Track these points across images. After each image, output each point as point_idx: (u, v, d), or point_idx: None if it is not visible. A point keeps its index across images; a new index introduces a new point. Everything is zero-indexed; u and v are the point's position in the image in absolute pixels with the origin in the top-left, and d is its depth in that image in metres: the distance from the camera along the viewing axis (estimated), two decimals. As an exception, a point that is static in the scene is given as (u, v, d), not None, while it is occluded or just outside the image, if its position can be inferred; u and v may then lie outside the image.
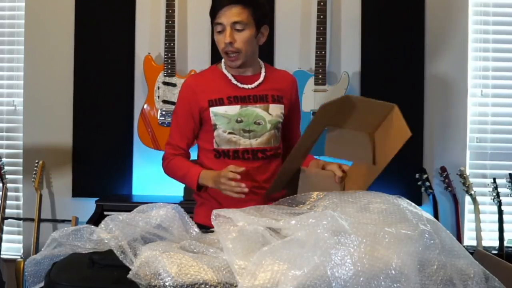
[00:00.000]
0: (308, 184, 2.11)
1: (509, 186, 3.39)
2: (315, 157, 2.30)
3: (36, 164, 3.55)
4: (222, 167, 2.18)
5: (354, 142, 2.03)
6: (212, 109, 2.22)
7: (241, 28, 2.16)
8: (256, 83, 2.26)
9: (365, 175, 2.05)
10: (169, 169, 2.30)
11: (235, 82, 2.25)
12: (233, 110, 2.22)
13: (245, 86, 2.25)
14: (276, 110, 2.26)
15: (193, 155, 2.37)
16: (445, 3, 3.59)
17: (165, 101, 3.44)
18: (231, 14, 2.14)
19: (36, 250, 3.37)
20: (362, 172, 2.08)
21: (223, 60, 2.30)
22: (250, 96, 2.24)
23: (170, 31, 3.43)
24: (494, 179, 3.43)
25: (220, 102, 2.22)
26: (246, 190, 2.05)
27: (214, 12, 2.18)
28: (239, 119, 2.22)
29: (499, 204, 3.37)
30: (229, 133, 2.22)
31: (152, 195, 3.53)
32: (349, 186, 2.11)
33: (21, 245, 3.71)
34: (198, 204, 2.33)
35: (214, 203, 2.22)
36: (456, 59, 3.60)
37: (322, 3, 3.37)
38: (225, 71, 2.27)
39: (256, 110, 2.23)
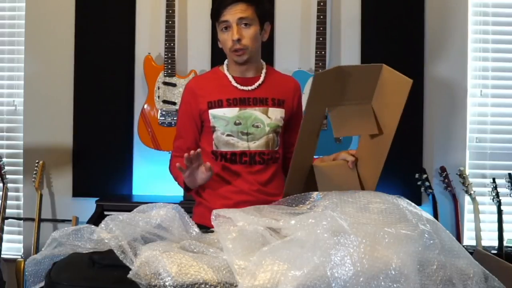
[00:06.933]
0: (325, 179, 2.06)
1: (508, 186, 3.39)
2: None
3: (36, 164, 3.55)
4: (221, 169, 2.21)
5: (357, 116, 2.00)
6: (211, 111, 2.21)
7: (247, 24, 2.16)
8: (256, 84, 2.25)
9: (377, 149, 2.01)
10: (171, 172, 2.33)
11: (235, 84, 2.24)
12: (231, 112, 2.20)
13: (245, 88, 2.24)
14: (276, 114, 2.23)
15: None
16: (445, 3, 3.59)
17: (165, 101, 3.44)
18: (237, 11, 2.14)
19: (37, 250, 3.36)
20: (372, 147, 2.04)
21: (225, 62, 2.29)
22: (249, 98, 2.22)
23: (170, 31, 3.43)
24: (494, 179, 3.43)
25: (219, 104, 2.21)
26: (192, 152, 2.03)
27: (218, 11, 2.17)
28: (237, 121, 2.20)
29: (499, 204, 3.36)
30: (228, 135, 2.20)
31: (152, 195, 3.53)
32: (364, 165, 2.07)
33: (21, 245, 3.71)
34: (196, 203, 2.33)
35: (209, 203, 2.21)
36: (456, 59, 3.60)
37: (322, 3, 3.37)
38: (226, 73, 2.26)
39: (255, 112, 2.21)
